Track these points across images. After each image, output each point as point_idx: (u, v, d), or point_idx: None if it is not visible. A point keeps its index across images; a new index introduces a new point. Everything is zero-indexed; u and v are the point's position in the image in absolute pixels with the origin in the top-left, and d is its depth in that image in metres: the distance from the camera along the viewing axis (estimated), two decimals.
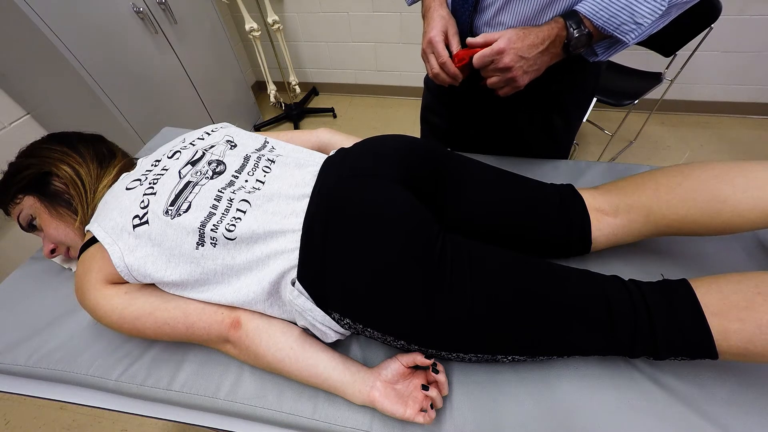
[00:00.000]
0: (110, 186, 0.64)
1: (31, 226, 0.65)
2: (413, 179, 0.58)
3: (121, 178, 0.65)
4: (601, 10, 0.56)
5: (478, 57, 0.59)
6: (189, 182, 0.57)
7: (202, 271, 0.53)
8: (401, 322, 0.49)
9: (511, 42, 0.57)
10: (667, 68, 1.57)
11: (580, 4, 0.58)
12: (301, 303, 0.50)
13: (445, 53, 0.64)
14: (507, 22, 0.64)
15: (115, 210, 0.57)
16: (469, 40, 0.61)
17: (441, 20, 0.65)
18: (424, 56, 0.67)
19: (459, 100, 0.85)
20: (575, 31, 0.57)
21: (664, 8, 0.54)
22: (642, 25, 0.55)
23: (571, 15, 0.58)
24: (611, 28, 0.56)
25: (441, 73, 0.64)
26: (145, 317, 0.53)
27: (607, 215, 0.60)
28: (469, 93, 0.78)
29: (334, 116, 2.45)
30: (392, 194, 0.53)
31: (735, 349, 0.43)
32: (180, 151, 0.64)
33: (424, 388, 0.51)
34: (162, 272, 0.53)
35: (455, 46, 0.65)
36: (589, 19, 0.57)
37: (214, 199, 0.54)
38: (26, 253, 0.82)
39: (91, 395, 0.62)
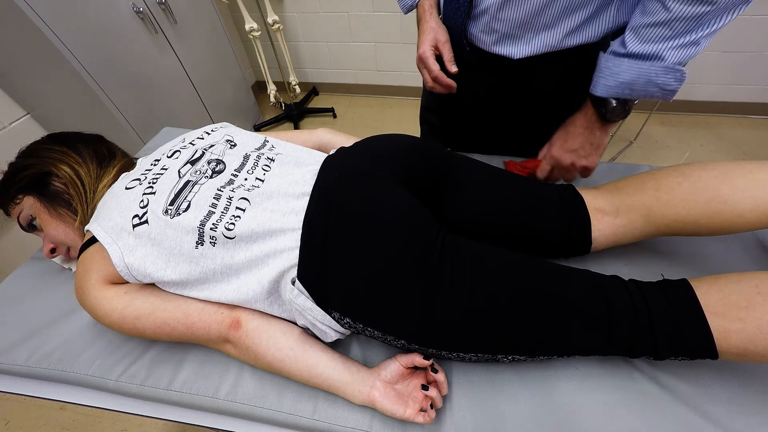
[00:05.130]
0: (110, 186, 0.64)
1: (31, 226, 0.66)
2: (413, 179, 0.58)
3: (120, 177, 0.65)
4: (625, 90, 0.56)
5: (540, 171, 0.68)
6: (188, 181, 0.57)
7: (201, 270, 0.53)
8: (401, 322, 0.49)
9: (559, 147, 0.65)
10: None
11: (602, 88, 0.57)
12: (300, 302, 0.50)
13: (435, 67, 0.66)
14: (501, 29, 0.65)
15: (114, 210, 0.57)
16: (522, 162, 0.68)
17: (431, 32, 0.67)
18: (420, 69, 0.70)
19: (458, 101, 0.85)
20: (606, 113, 0.59)
21: (683, 72, 0.52)
22: (671, 91, 0.54)
23: (597, 102, 0.59)
24: (642, 97, 0.57)
25: (435, 86, 0.67)
26: (145, 317, 0.53)
27: (608, 215, 0.60)
28: (469, 95, 0.78)
29: (334, 116, 2.45)
30: (392, 194, 0.53)
31: (735, 349, 0.43)
32: (179, 151, 0.64)
33: (424, 388, 0.51)
34: (162, 272, 0.53)
35: (447, 54, 0.67)
36: (616, 98, 0.58)
37: (214, 198, 0.54)
38: (26, 253, 0.82)
39: (91, 395, 0.62)
